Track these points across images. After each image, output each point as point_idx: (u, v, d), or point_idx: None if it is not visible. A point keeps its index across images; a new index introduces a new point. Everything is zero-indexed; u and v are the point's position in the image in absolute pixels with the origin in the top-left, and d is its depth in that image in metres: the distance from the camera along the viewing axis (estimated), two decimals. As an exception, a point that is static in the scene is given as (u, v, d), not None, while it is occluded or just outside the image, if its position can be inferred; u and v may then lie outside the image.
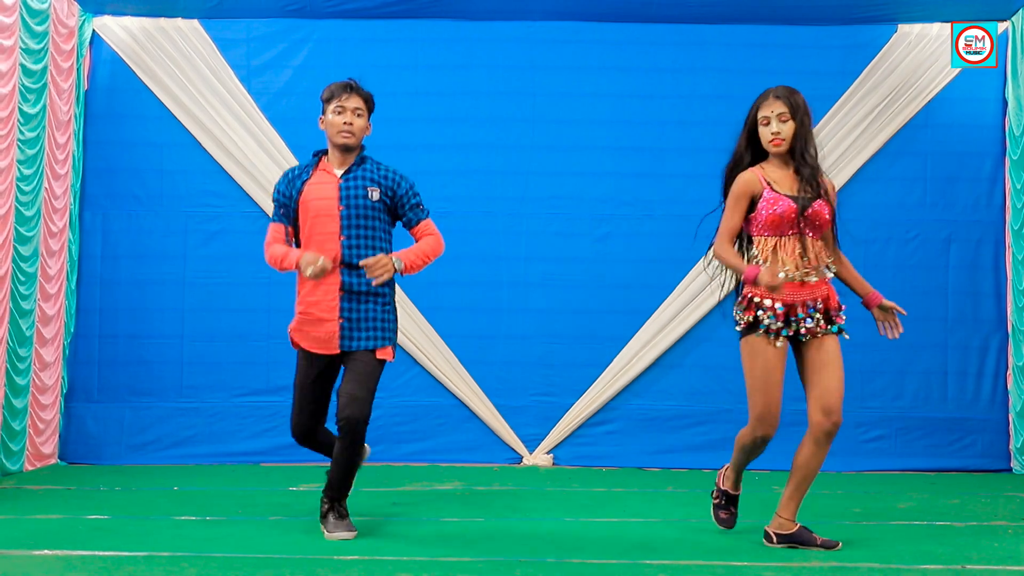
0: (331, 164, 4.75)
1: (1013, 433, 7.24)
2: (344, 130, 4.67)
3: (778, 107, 4.41)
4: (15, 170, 6.42)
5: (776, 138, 4.42)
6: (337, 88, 4.74)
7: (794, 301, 4.41)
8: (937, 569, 4.09)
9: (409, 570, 3.97)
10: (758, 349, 4.41)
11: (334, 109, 4.70)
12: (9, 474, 6.46)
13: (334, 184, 4.67)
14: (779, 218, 4.40)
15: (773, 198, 4.41)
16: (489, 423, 7.35)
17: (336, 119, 4.69)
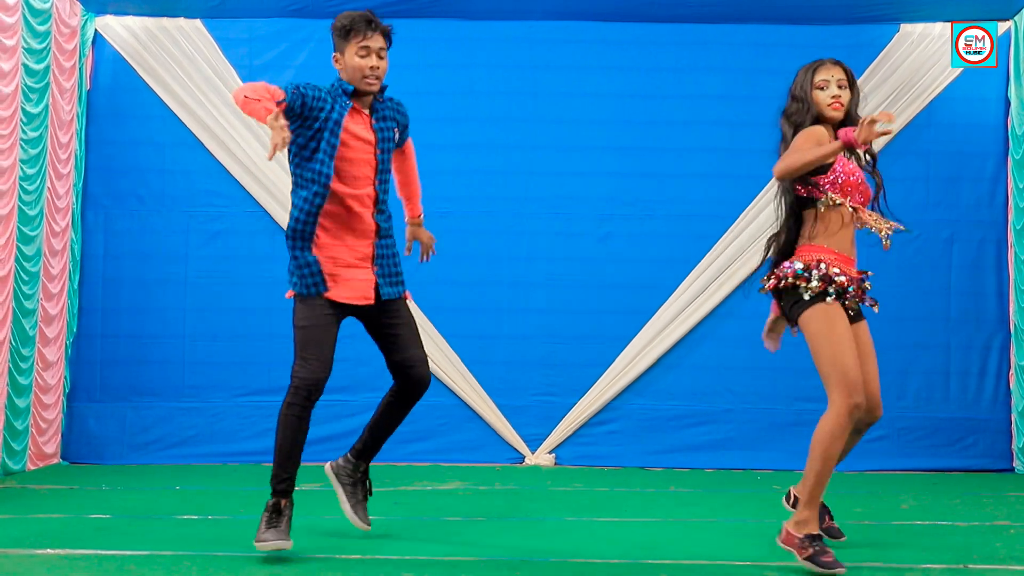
0: (357, 102, 4.32)
1: (1015, 433, 7.23)
2: (370, 76, 4.25)
3: (838, 72, 4.28)
4: (18, 169, 6.43)
5: (835, 102, 4.22)
6: (359, 22, 4.24)
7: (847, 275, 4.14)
8: (939, 569, 4.09)
9: (411, 570, 3.97)
10: (832, 314, 4.05)
11: (358, 50, 4.24)
12: (11, 473, 6.47)
13: (367, 126, 4.32)
14: (852, 185, 4.21)
15: (846, 161, 4.22)
16: (491, 423, 7.36)
17: (361, 62, 4.24)
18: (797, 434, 7.31)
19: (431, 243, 4.86)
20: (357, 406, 7.30)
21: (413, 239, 4.84)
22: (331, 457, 7.23)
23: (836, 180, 4.19)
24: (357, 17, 4.26)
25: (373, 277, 4.37)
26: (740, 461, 7.27)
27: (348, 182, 4.28)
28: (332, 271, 4.29)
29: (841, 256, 4.16)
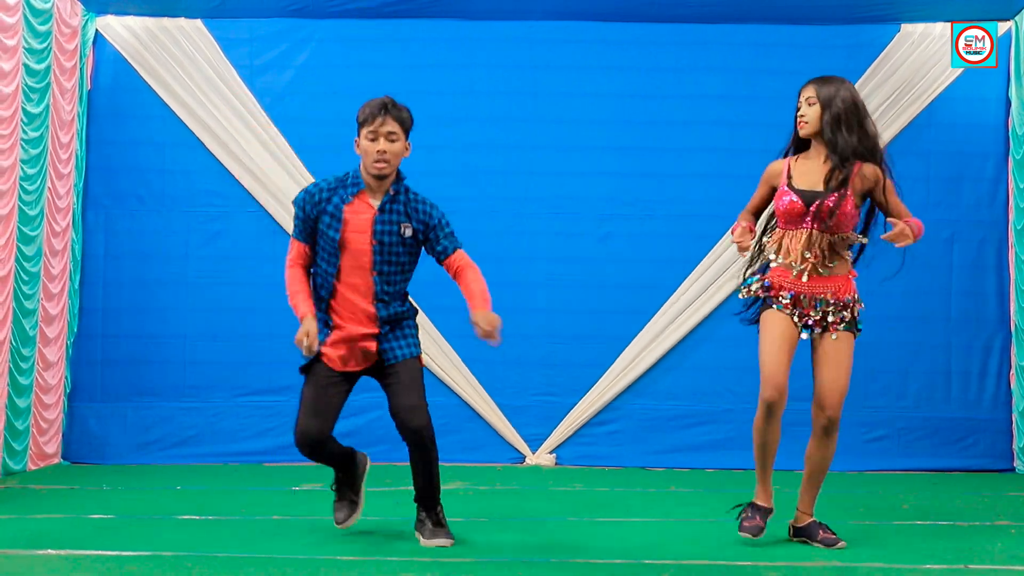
0: (367, 192, 4.47)
1: (1016, 433, 7.23)
2: (378, 159, 4.40)
3: (807, 92, 4.57)
4: (18, 169, 6.43)
5: (800, 120, 4.53)
6: (372, 109, 4.43)
7: (799, 292, 4.48)
8: (939, 569, 4.09)
9: (411, 570, 3.98)
10: (768, 318, 4.52)
11: (367, 135, 4.41)
12: (12, 474, 6.47)
13: (369, 217, 4.45)
14: (784, 213, 4.50)
15: (781, 192, 4.51)
16: (492, 423, 7.36)
17: (369, 147, 4.41)
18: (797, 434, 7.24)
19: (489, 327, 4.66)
20: (356, 406, 7.28)
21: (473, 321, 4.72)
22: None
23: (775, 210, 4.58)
24: (373, 103, 4.44)
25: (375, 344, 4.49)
26: (740, 461, 7.25)
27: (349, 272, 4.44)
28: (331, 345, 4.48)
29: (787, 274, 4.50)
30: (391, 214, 4.47)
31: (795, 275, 4.49)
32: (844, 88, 4.52)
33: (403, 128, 4.49)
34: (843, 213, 4.43)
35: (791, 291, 4.48)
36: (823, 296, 4.48)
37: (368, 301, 4.46)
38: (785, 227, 4.53)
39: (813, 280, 4.48)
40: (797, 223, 4.48)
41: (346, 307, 4.47)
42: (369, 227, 4.44)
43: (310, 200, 4.46)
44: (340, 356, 4.48)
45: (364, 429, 7.29)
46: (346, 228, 4.41)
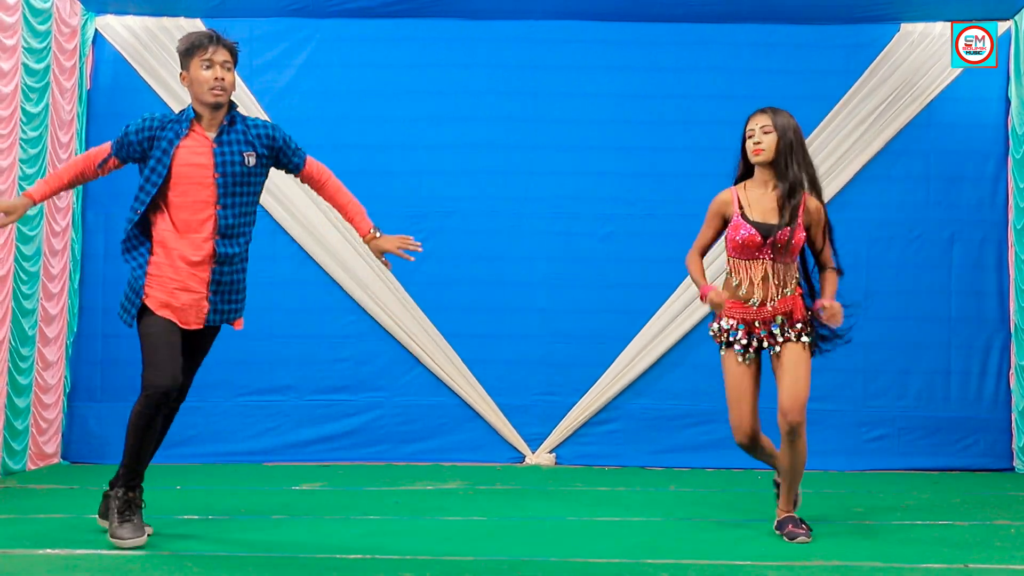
0: (201, 126, 4.41)
1: (1016, 432, 7.23)
2: (216, 87, 4.34)
3: (761, 120, 4.67)
4: (17, 169, 6.42)
5: (757, 147, 4.64)
6: (201, 38, 4.36)
7: (752, 319, 4.64)
8: (939, 568, 4.09)
9: (411, 569, 3.98)
10: (728, 365, 4.71)
11: (201, 63, 4.34)
12: (12, 473, 6.47)
13: (208, 149, 4.37)
14: (741, 245, 4.62)
15: (738, 224, 4.64)
16: (492, 422, 7.35)
17: (205, 74, 4.33)
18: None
19: (401, 244, 4.63)
20: (356, 406, 7.30)
21: (379, 254, 4.66)
22: (332, 457, 7.29)
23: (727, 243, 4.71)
24: (200, 34, 4.41)
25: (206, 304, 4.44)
26: (741, 460, 7.23)
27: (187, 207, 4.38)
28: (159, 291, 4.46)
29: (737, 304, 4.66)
30: (231, 144, 4.43)
31: (748, 304, 4.63)
32: (786, 115, 4.70)
33: (234, 58, 4.45)
34: (796, 243, 4.62)
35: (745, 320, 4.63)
36: (778, 317, 4.63)
37: (208, 238, 4.39)
38: (738, 258, 4.67)
39: (766, 307, 4.63)
40: (752, 254, 4.62)
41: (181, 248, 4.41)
42: (210, 159, 4.37)
43: (141, 127, 4.48)
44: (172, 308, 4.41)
45: (364, 429, 7.30)
46: (176, 162, 4.37)
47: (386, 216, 6.76)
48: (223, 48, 4.39)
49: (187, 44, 4.39)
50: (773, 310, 4.63)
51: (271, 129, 4.54)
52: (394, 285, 7.32)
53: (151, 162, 4.42)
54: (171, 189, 4.40)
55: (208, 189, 4.37)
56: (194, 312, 4.45)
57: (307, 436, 7.28)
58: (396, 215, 7.23)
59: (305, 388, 7.34)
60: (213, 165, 4.38)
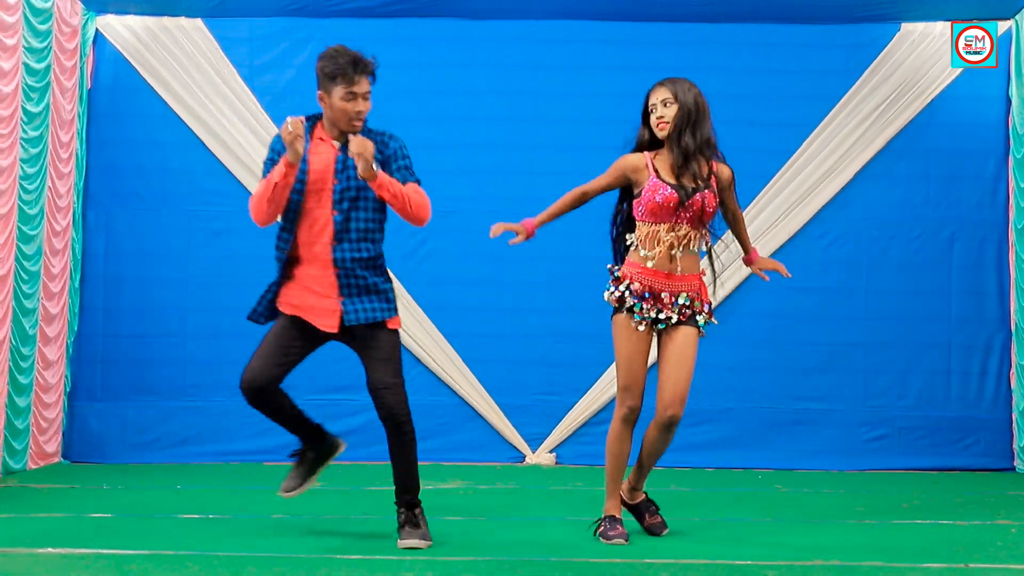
0: (327, 134, 4.39)
1: (1016, 432, 7.23)
2: (356, 119, 4.32)
3: (663, 93, 4.64)
4: (18, 168, 6.42)
5: (660, 121, 4.57)
6: (346, 66, 4.28)
7: (659, 290, 4.56)
8: (940, 568, 4.09)
9: (411, 569, 3.98)
10: (622, 325, 4.65)
11: (344, 95, 4.28)
12: (12, 473, 6.47)
13: (332, 155, 4.37)
14: (659, 206, 4.53)
15: (656, 185, 4.54)
16: (492, 422, 7.36)
17: (347, 105, 4.29)
18: (797, 433, 7.31)
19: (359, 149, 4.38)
20: (358, 405, 7.30)
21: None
22: (332, 456, 7.27)
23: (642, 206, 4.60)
24: (343, 62, 4.29)
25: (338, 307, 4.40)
26: (740, 460, 7.28)
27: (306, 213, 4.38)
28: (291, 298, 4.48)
29: (649, 271, 4.58)
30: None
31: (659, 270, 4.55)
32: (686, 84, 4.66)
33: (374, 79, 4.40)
34: (711, 210, 4.56)
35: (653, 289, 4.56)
36: (684, 292, 4.57)
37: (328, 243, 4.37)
38: (652, 221, 4.57)
39: (676, 277, 4.56)
40: (668, 217, 4.54)
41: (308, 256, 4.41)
42: (332, 165, 4.35)
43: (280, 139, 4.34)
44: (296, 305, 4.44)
45: (364, 428, 7.29)
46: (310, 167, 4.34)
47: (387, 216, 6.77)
48: (366, 78, 4.33)
49: (332, 69, 4.30)
50: (682, 282, 4.55)
51: (387, 138, 4.48)
52: (394, 284, 7.31)
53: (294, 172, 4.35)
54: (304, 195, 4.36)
55: (327, 194, 4.36)
56: (326, 314, 4.42)
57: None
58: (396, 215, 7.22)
59: (306, 387, 7.29)
60: (334, 171, 4.36)
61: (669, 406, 4.57)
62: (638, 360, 4.62)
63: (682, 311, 4.58)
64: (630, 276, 4.63)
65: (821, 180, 7.38)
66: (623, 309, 4.64)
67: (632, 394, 4.60)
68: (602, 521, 4.62)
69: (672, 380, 4.58)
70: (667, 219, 4.55)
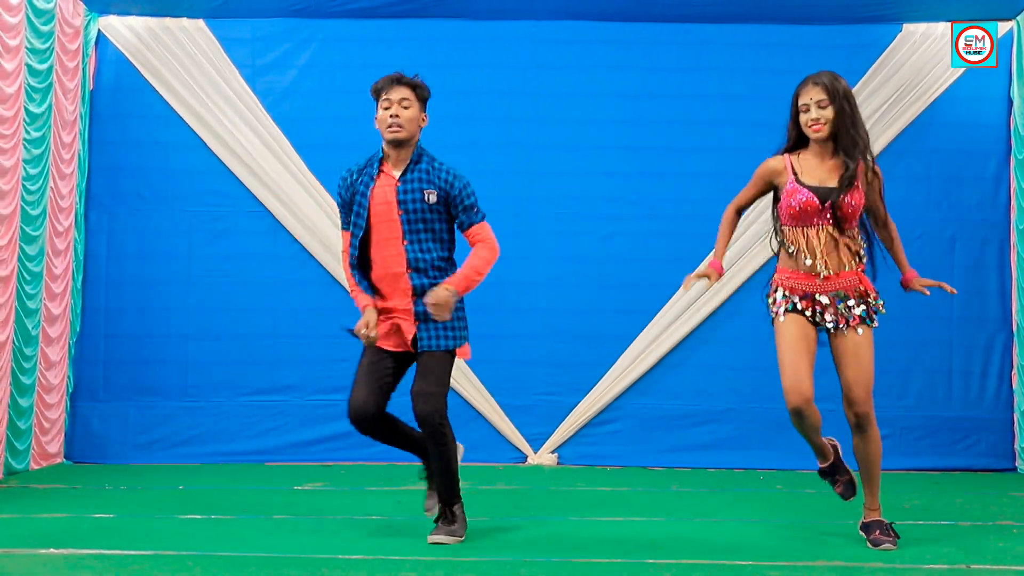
0: (388, 164, 4.58)
1: (1018, 432, 7.23)
2: (392, 124, 4.50)
3: (816, 94, 4.48)
4: (20, 169, 6.43)
5: (816, 124, 4.45)
6: (383, 81, 4.60)
7: (813, 292, 4.44)
8: (941, 568, 4.09)
9: (414, 569, 3.98)
10: (785, 326, 4.45)
11: (381, 104, 4.56)
12: (15, 473, 6.47)
13: (392, 187, 4.53)
14: (799, 211, 4.42)
15: (793, 189, 4.44)
16: (494, 422, 7.36)
17: (383, 114, 4.54)
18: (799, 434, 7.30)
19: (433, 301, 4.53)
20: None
21: None
22: (334, 457, 7.31)
23: (783, 211, 4.50)
24: (384, 78, 4.60)
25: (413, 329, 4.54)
26: (742, 461, 7.28)
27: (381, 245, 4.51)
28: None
29: (799, 275, 4.47)
30: (413, 182, 4.54)
31: (811, 273, 4.43)
32: (841, 83, 4.52)
33: (416, 95, 4.60)
34: (857, 209, 4.43)
35: (807, 292, 4.45)
36: (842, 291, 4.45)
37: (403, 272, 4.50)
38: (795, 225, 4.46)
39: (830, 278, 4.44)
40: (811, 221, 4.43)
41: (385, 283, 4.53)
42: (394, 196, 4.51)
43: (343, 185, 4.60)
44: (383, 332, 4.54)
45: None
46: (373, 202, 4.50)
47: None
48: (401, 86, 4.57)
49: (374, 89, 4.61)
50: (837, 282, 4.44)
51: (452, 176, 4.64)
52: (396, 285, 7.32)
53: (355, 207, 4.57)
54: (372, 228, 4.53)
55: (396, 225, 4.51)
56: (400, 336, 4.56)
57: (309, 436, 7.29)
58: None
59: (307, 388, 7.35)
60: (397, 202, 4.51)
61: (855, 402, 4.47)
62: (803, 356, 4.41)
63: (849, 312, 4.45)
64: (780, 283, 4.52)
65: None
66: (781, 315, 4.48)
67: (796, 394, 4.38)
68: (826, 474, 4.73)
69: (850, 380, 4.47)
70: (809, 222, 4.44)
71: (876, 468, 4.59)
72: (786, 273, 4.50)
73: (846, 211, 4.40)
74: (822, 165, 4.49)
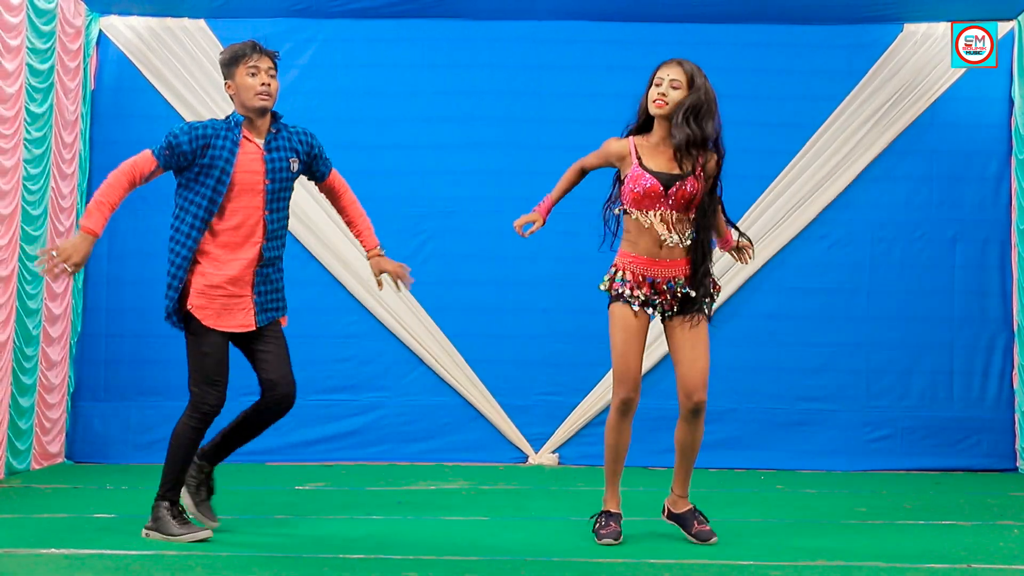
0: (252, 132, 4.51)
1: (1019, 432, 7.23)
2: (262, 92, 4.45)
3: (674, 72, 4.56)
4: (21, 169, 6.44)
5: (661, 99, 4.51)
6: (244, 48, 4.50)
7: (652, 277, 4.52)
8: (942, 568, 4.09)
9: (414, 569, 3.98)
10: (617, 315, 4.55)
11: (247, 71, 4.46)
12: (16, 473, 6.48)
13: (259, 156, 4.48)
14: (641, 196, 4.51)
15: (638, 174, 4.53)
16: (495, 422, 7.36)
17: (251, 80, 4.45)
18: (800, 434, 7.31)
19: (400, 271, 4.81)
20: (359, 406, 7.31)
21: (379, 272, 4.84)
22: (334, 457, 7.30)
23: (625, 195, 4.60)
24: (242, 44, 4.53)
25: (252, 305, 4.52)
26: (743, 461, 7.28)
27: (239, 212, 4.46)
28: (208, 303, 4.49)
29: (640, 259, 4.54)
30: (279, 150, 4.54)
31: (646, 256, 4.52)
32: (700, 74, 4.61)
33: (276, 67, 4.58)
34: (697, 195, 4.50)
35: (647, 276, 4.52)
36: (678, 278, 4.53)
37: (259, 243, 4.48)
38: (636, 208, 4.55)
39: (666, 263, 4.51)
40: (652, 205, 4.50)
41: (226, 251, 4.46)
42: (261, 166, 4.48)
43: (194, 134, 4.42)
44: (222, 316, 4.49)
45: (366, 429, 7.31)
46: (237, 170, 4.43)
47: (388, 216, 6.78)
48: (266, 56, 4.53)
49: (230, 54, 4.52)
50: (675, 267, 4.52)
51: (311, 137, 4.69)
52: (397, 285, 7.32)
53: (213, 171, 4.42)
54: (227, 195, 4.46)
55: (259, 195, 4.48)
56: (241, 315, 4.52)
57: (310, 436, 7.29)
58: (399, 215, 7.25)
59: (308, 388, 7.29)
60: (264, 171, 4.49)
61: (692, 392, 4.56)
62: (633, 348, 4.54)
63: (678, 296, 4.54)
64: (622, 266, 4.60)
65: (823, 181, 7.38)
66: (617, 299, 4.57)
67: (626, 385, 4.53)
68: (598, 517, 4.62)
69: (687, 365, 4.57)
70: (652, 207, 4.52)
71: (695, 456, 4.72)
72: (627, 257, 4.57)
73: (684, 198, 4.48)
74: (665, 151, 4.55)
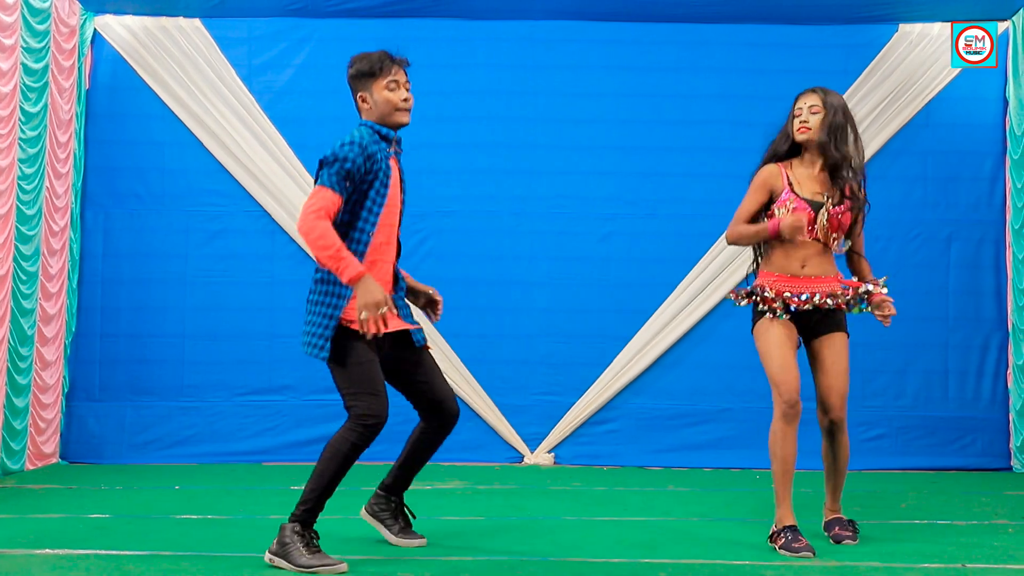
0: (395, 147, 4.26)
1: (1013, 432, 7.24)
2: (403, 107, 4.20)
3: (811, 100, 4.55)
4: (16, 169, 6.42)
5: (803, 126, 4.51)
6: (381, 60, 4.19)
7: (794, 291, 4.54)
8: (938, 568, 4.10)
9: (411, 569, 3.98)
10: (764, 327, 4.57)
11: (387, 85, 4.18)
12: (10, 473, 6.46)
13: (399, 172, 4.25)
14: None
15: (789, 198, 4.52)
16: (491, 422, 7.36)
17: (393, 95, 4.18)
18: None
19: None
20: (356, 405, 7.29)
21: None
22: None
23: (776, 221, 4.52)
24: (378, 56, 4.22)
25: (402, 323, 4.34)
26: (739, 460, 7.28)
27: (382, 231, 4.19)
28: None
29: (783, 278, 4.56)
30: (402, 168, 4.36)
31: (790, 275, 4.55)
32: (837, 97, 4.58)
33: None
34: (845, 223, 4.55)
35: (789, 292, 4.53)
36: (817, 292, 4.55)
37: (393, 261, 4.30)
38: None
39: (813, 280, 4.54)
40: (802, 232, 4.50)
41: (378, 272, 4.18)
42: (398, 180, 4.27)
43: (364, 152, 4.05)
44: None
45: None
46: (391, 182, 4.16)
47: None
48: (403, 70, 4.27)
49: (367, 67, 4.18)
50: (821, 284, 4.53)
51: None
52: (393, 285, 7.32)
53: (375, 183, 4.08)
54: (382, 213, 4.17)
55: (396, 211, 4.23)
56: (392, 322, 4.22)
57: (306, 436, 7.28)
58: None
59: (304, 388, 7.34)
60: (401, 186, 4.28)
61: (832, 408, 4.61)
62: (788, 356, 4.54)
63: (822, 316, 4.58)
64: (763, 284, 4.58)
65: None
66: (761, 315, 4.57)
67: (789, 394, 4.49)
68: (781, 533, 4.40)
69: (832, 383, 4.63)
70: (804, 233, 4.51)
71: (841, 472, 4.75)
72: (770, 277, 4.58)
73: (834, 225, 4.52)
74: (814, 176, 4.57)
